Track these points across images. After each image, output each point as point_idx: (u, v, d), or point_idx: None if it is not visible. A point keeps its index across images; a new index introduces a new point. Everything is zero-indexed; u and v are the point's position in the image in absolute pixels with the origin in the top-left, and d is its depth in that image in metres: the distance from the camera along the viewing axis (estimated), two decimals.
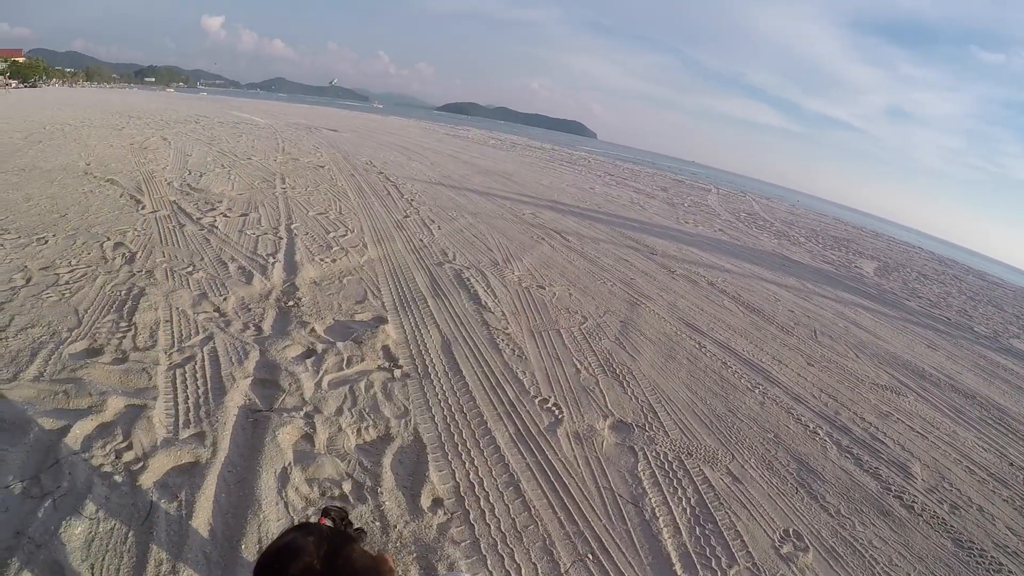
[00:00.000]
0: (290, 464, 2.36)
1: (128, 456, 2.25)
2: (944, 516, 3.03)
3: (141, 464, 2.22)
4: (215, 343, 3.28)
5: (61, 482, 2.04)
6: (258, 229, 5.77)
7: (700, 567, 2.27)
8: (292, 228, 6.00)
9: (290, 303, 4.03)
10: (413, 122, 46.97)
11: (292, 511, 2.13)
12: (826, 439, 3.58)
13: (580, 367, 3.86)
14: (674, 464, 2.93)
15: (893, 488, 3.19)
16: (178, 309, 3.64)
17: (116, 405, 2.55)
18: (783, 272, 9.11)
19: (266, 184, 8.23)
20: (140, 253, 4.55)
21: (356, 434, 2.67)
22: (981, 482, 3.52)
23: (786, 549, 2.49)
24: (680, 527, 2.48)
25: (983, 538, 2.92)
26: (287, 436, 2.54)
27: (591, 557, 2.22)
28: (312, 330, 3.68)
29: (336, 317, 3.96)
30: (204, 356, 3.12)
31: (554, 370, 3.74)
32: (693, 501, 2.67)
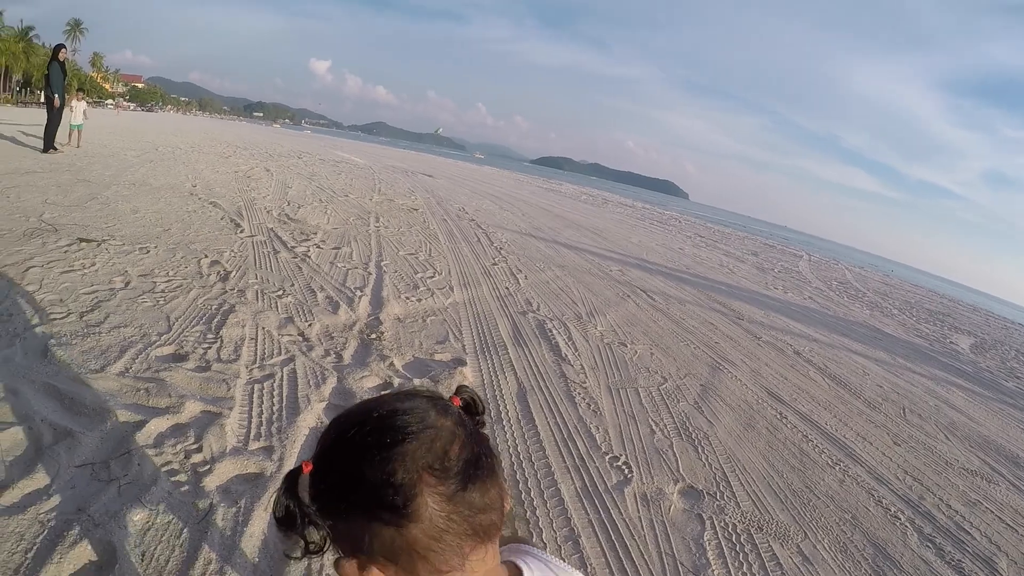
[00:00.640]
0: None
1: (196, 458, 2.25)
2: None
3: (208, 467, 2.21)
4: (295, 365, 3.27)
5: (129, 471, 2.08)
6: (349, 263, 5.94)
7: None
8: (382, 265, 6.13)
9: (372, 336, 4.00)
10: (507, 173, 49.05)
11: None
12: (907, 525, 3.13)
13: (655, 428, 3.56)
14: (742, 537, 2.60)
15: None
16: (264, 329, 3.70)
17: (193, 409, 2.56)
18: (873, 344, 8.27)
19: (360, 221, 8.64)
20: (234, 273, 4.76)
21: None
22: None
23: None
24: None
25: None
26: None
27: None
28: (391, 364, 3.60)
29: (416, 354, 3.88)
30: (283, 375, 3.11)
31: (628, 428, 3.47)
32: None
